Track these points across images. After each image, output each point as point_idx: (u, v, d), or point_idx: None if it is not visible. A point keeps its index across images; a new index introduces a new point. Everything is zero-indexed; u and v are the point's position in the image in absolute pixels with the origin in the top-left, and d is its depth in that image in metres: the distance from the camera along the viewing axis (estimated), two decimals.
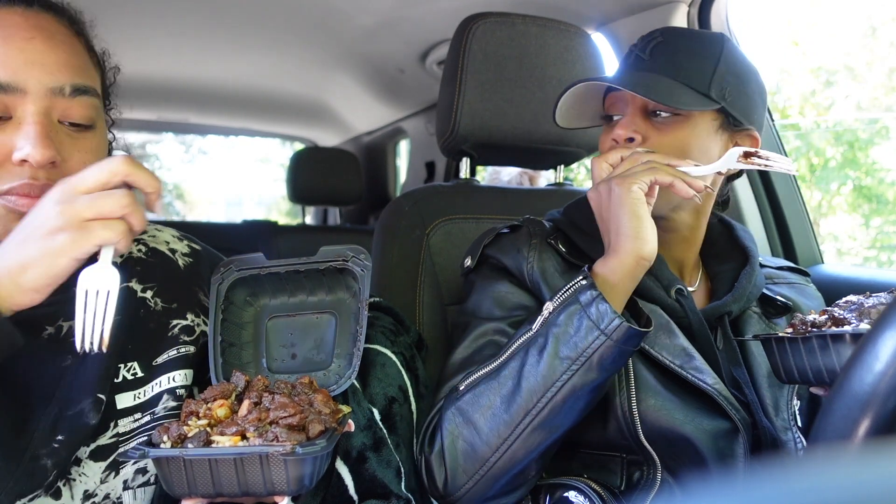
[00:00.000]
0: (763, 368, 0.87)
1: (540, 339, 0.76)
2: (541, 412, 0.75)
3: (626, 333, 0.72)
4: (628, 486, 0.82)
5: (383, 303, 1.02)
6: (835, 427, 0.43)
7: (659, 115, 0.85)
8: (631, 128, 0.84)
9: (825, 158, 4.49)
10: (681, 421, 0.80)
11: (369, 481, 0.80)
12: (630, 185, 0.76)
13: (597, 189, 0.81)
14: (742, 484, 0.22)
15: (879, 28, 4.70)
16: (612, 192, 0.77)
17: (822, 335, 0.68)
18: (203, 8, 1.73)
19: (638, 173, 0.77)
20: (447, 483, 0.79)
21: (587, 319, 0.73)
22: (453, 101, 1.11)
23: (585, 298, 0.74)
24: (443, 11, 1.64)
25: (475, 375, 0.81)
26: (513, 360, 0.78)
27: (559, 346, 0.74)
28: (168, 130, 4.29)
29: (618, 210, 0.76)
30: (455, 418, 0.80)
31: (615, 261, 0.77)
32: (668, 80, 0.83)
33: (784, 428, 0.83)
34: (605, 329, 0.72)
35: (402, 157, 2.99)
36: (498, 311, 0.89)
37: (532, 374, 0.76)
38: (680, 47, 0.86)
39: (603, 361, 0.73)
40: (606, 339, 0.72)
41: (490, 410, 0.77)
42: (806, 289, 1.00)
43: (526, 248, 0.90)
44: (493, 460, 0.77)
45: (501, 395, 0.77)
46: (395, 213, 1.11)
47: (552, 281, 0.88)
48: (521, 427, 0.76)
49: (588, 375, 0.74)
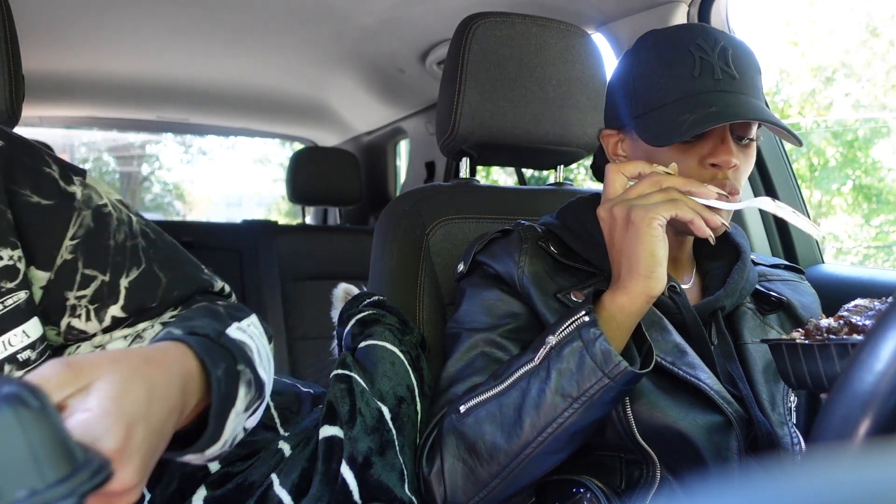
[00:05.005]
0: (759, 364, 0.87)
1: (542, 371, 0.75)
2: (542, 444, 0.75)
3: (626, 376, 0.71)
4: (629, 486, 0.82)
5: (387, 302, 1.02)
6: (835, 427, 0.43)
7: (743, 140, 0.83)
8: (734, 155, 0.80)
9: (825, 158, 4.49)
10: (674, 417, 0.80)
11: (374, 487, 0.80)
12: (651, 220, 0.70)
13: (611, 211, 0.75)
14: (740, 483, 0.22)
15: (880, 26, 4.70)
16: (631, 224, 0.72)
17: (843, 343, 0.64)
18: (203, 8, 1.73)
19: (659, 206, 0.71)
20: (446, 501, 0.80)
21: (590, 359, 0.72)
22: (453, 101, 1.11)
23: (588, 336, 0.73)
24: (443, 11, 1.64)
25: (476, 399, 0.80)
26: (514, 390, 0.77)
27: (561, 382, 0.74)
28: (168, 130, 4.28)
29: (634, 245, 0.72)
30: (456, 441, 0.80)
31: (624, 298, 0.74)
32: (760, 104, 0.80)
33: (780, 423, 0.83)
34: (609, 372, 0.71)
35: (402, 157, 2.99)
36: (488, 321, 0.89)
37: (533, 407, 0.75)
38: (748, 63, 0.83)
39: (604, 400, 0.73)
40: (609, 382, 0.71)
41: (491, 438, 0.77)
42: (800, 286, 1.01)
43: (517, 252, 0.89)
44: (493, 485, 0.78)
45: (502, 425, 0.77)
46: (395, 213, 1.11)
47: (543, 285, 0.87)
48: (521, 456, 0.76)
49: (589, 412, 0.74)
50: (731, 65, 0.81)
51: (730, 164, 0.80)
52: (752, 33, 5.53)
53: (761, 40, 5.25)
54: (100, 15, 1.79)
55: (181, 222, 2.83)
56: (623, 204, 0.73)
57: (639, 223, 0.71)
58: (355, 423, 0.82)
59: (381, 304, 1.01)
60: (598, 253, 0.89)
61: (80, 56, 2.11)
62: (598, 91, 1.18)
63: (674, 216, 0.71)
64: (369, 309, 1.00)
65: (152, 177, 11.07)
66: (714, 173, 0.81)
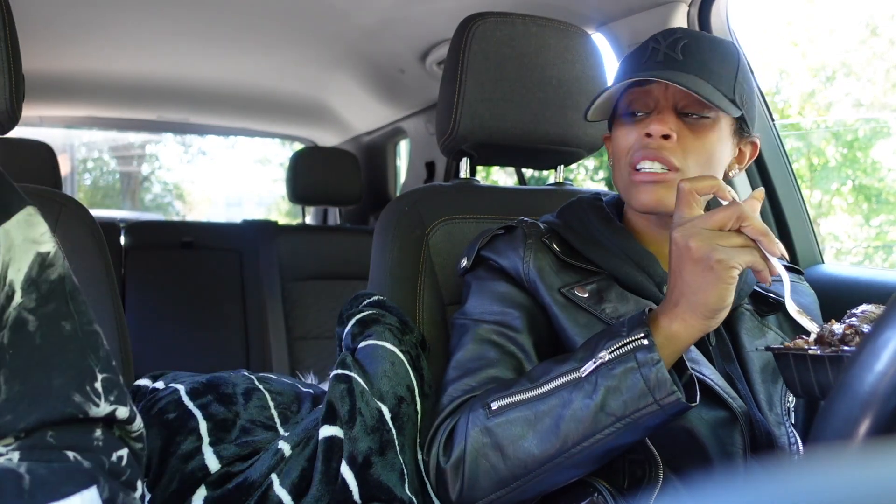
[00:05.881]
0: (756, 364, 0.87)
1: (587, 385, 0.73)
2: (573, 457, 0.74)
3: (677, 406, 0.70)
4: (632, 485, 0.82)
5: (387, 302, 1.02)
6: (835, 427, 0.43)
7: (690, 116, 0.84)
8: (667, 125, 0.82)
9: (825, 158, 4.49)
10: None
11: (374, 486, 0.80)
12: (731, 269, 0.68)
13: (687, 244, 0.70)
14: (743, 482, 0.22)
15: (880, 26, 4.70)
16: (710, 270, 0.69)
17: None
18: (203, 8, 1.73)
19: (742, 254, 0.69)
20: (461, 495, 0.79)
21: (642, 383, 0.70)
22: (453, 100, 1.11)
23: (643, 359, 0.71)
24: (443, 11, 1.64)
25: (510, 399, 0.78)
26: (553, 398, 0.75)
27: (608, 400, 0.72)
28: (168, 130, 4.28)
29: (707, 287, 0.69)
30: (483, 438, 0.78)
31: (681, 327, 0.72)
32: (703, 82, 0.82)
33: (777, 422, 0.84)
34: (660, 399, 0.70)
35: (402, 157, 2.99)
36: (498, 312, 0.89)
37: (573, 419, 0.73)
38: (707, 49, 0.85)
39: (647, 424, 0.72)
40: (658, 409, 0.70)
41: (522, 442, 0.76)
42: (799, 286, 1.01)
43: (522, 247, 0.90)
44: (514, 486, 0.77)
45: (536, 430, 0.75)
46: (395, 214, 1.11)
47: (548, 279, 0.88)
48: (549, 465, 0.75)
49: (628, 434, 0.73)
50: (679, 51, 0.84)
51: (660, 133, 0.82)
52: (752, 33, 5.54)
53: (761, 40, 5.25)
54: (100, 15, 1.79)
55: (181, 222, 2.83)
56: (704, 242, 0.69)
57: (719, 270, 0.68)
58: (355, 423, 0.82)
59: (381, 304, 1.01)
60: (599, 253, 0.89)
61: (80, 56, 2.11)
62: (598, 91, 1.18)
63: (749, 265, 0.69)
64: (369, 309, 1.00)
65: (152, 177, 11.08)
66: (647, 142, 0.83)
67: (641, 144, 0.84)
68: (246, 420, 0.92)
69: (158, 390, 0.94)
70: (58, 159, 2.21)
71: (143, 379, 0.99)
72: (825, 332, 0.68)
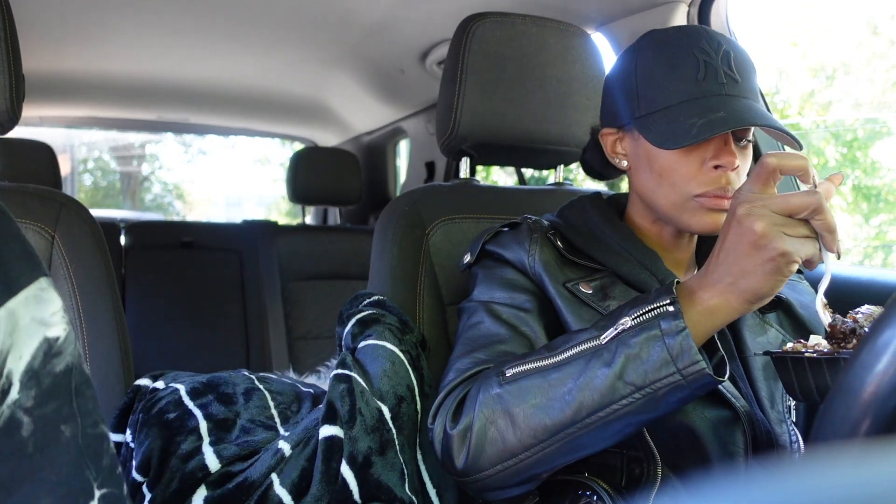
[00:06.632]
0: (758, 362, 0.87)
1: (606, 353, 0.70)
2: (586, 427, 0.71)
3: (701, 379, 0.66)
4: (629, 483, 0.82)
5: (387, 302, 1.02)
6: (835, 427, 0.43)
7: (742, 142, 0.84)
8: (736, 157, 0.81)
9: (825, 158, 4.49)
10: (683, 411, 0.80)
11: (374, 486, 0.80)
12: (793, 263, 0.64)
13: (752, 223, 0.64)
14: (742, 482, 0.22)
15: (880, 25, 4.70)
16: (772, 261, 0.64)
17: None
18: (203, 8, 1.73)
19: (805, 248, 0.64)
20: (466, 464, 0.75)
21: (665, 351, 0.66)
22: (453, 101, 1.11)
23: (668, 327, 0.67)
24: (443, 11, 1.64)
25: (526, 366, 0.75)
26: (569, 366, 0.72)
27: (626, 369, 0.68)
28: (168, 130, 4.28)
29: (762, 274, 0.65)
30: (494, 405, 0.74)
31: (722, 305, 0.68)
32: (766, 110, 0.81)
33: (779, 420, 0.84)
34: (682, 369, 0.66)
35: (402, 157, 2.99)
36: (507, 295, 0.88)
37: (589, 388, 0.70)
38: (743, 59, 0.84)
39: (668, 399, 0.68)
40: (680, 380, 0.66)
41: (533, 409, 0.72)
42: (799, 285, 1.01)
43: (527, 241, 0.90)
44: (521, 457, 0.73)
45: (550, 397, 0.72)
46: (395, 213, 1.11)
47: (553, 273, 0.87)
48: (560, 436, 0.72)
49: (647, 407, 0.69)
50: (734, 68, 0.82)
51: (734, 166, 0.80)
52: (752, 33, 5.54)
53: (761, 40, 5.25)
54: (100, 15, 1.79)
55: (181, 222, 2.83)
56: (772, 229, 0.64)
57: (780, 262, 0.64)
58: (355, 422, 0.82)
59: (381, 304, 1.01)
60: (602, 250, 0.89)
61: (80, 56, 2.11)
62: (598, 91, 1.18)
63: (809, 258, 0.65)
64: (369, 308, 1.00)
65: (152, 177, 11.08)
66: (717, 175, 0.81)
67: (713, 178, 0.81)
68: (246, 420, 0.92)
69: (158, 390, 0.94)
70: (58, 159, 2.21)
71: (143, 379, 0.99)
72: (837, 323, 0.67)
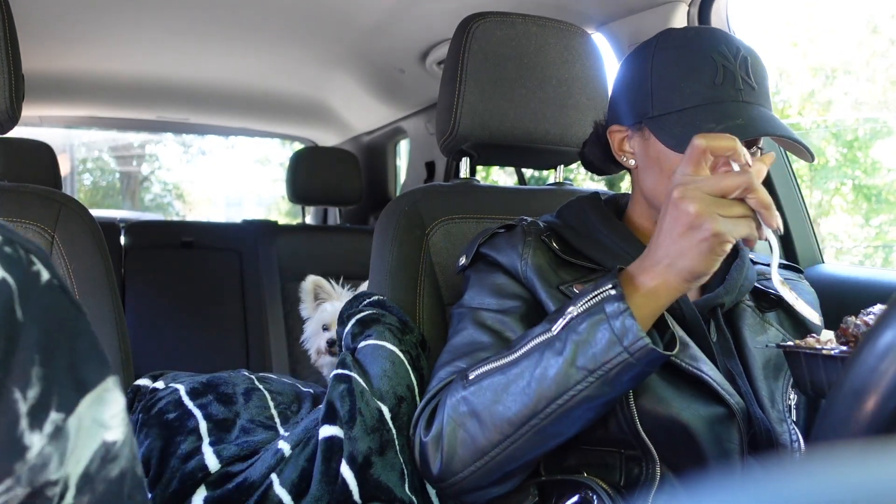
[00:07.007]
0: (758, 361, 0.87)
1: (558, 343, 0.73)
2: (548, 417, 0.73)
3: (648, 355, 0.68)
4: (628, 483, 0.82)
5: (387, 302, 1.02)
6: (835, 427, 0.43)
7: (752, 149, 0.84)
8: None
9: (825, 158, 4.49)
10: (677, 409, 0.80)
11: (374, 486, 0.80)
12: (727, 243, 0.65)
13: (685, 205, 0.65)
14: (741, 482, 0.22)
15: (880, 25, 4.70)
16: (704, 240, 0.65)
17: None
18: (203, 8, 1.73)
19: (739, 227, 0.65)
20: (441, 469, 0.78)
21: (611, 332, 0.69)
22: (453, 100, 1.11)
23: (612, 310, 0.69)
24: (443, 11, 1.64)
25: (486, 367, 0.78)
26: (526, 360, 0.75)
27: (577, 355, 0.71)
28: (168, 130, 4.29)
29: (697, 254, 0.66)
30: (459, 407, 0.78)
31: (662, 286, 0.70)
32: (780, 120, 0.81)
33: (779, 419, 0.84)
34: (629, 347, 0.68)
35: (402, 157, 2.99)
36: (496, 301, 0.89)
37: (545, 377, 0.73)
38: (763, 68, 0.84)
39: (621, 378, 0.70)
40: (628, 357, 0.68)
41: (496, 406, 0.75)
42: (799, 284, 1.01)
43: (521, 245, 0.90)
44: (491, 454, 0.76)
45: (510, 392, 0.75)
46: (395, 213, 1.11)
47: (546, 277, 0.88)
48: (525, 428, 0.74)
49: (603, 389, 0.71)
50: (751, 75, 0.82)
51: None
52: (752, 33, 5.54)
53: (761, 41, 5.25)
54: (100, 15, 1.79)
55: (181, 222, 2.83)
56: (705, 209, 0.65)
57: (714, 243, 0.65)
58: (355, 422, 0.82)
59: (381, 304, 1.01)
60: (599, 250, 0.89)
61: (80, 56, 2.11)
62: (598, 91, 1.18)
63: (745, 237, 0.66)
64: (369, 308, 1.00)
65: (152, 177, 11.08)
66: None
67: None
68: (246, 420, 0.92)
69: (158, 390, 0.94)
70: (58, 159, 2.21)
71: (143, 379, 0.99)
72: (849, 326, 0.67)
